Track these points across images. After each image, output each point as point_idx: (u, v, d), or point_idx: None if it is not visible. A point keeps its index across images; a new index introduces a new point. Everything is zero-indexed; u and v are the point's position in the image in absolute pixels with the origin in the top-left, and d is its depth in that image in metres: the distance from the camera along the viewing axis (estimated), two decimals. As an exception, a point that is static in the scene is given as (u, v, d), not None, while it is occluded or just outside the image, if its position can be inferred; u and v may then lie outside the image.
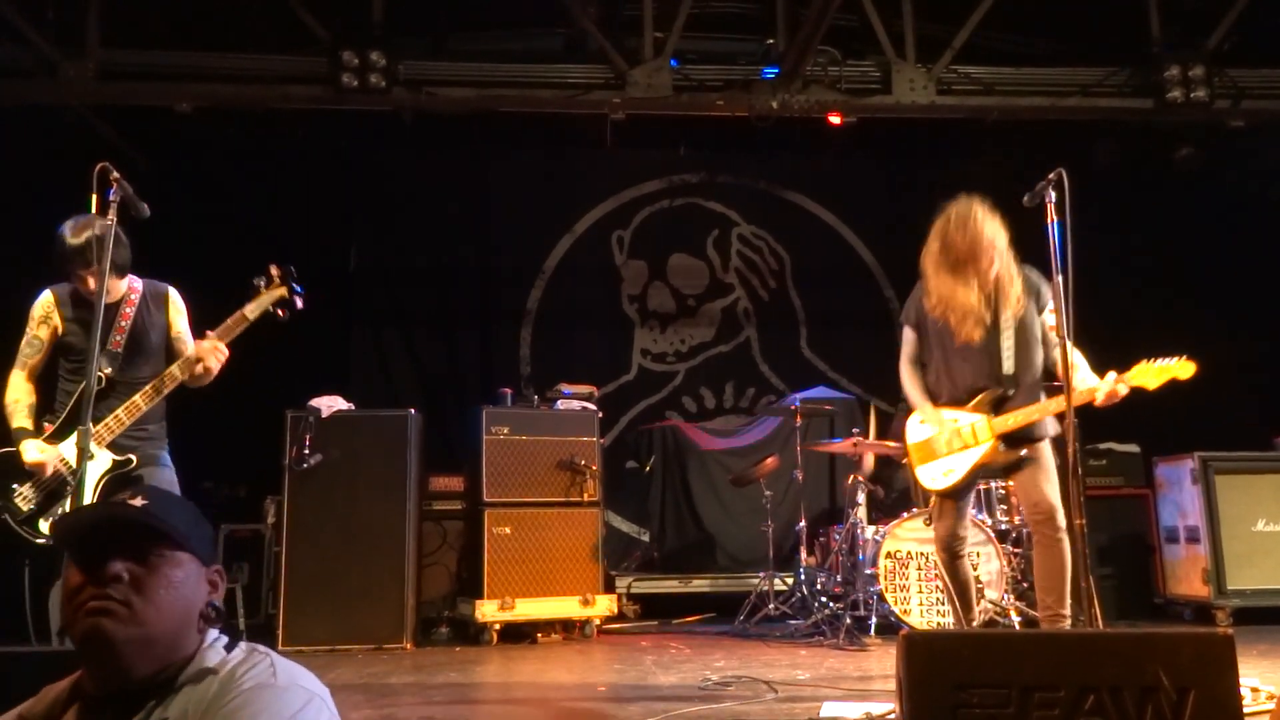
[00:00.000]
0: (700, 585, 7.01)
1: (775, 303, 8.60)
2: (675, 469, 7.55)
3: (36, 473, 3.36)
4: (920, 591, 5.47)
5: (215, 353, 3.44)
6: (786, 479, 6.81)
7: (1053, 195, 3.43)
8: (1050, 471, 3.83)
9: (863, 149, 8.14)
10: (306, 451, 5.67)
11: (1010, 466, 3.90)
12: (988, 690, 1.86)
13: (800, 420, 6.35)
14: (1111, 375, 3.64)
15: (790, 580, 6.27)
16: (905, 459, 4.18)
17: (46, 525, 3.32)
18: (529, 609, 5.79)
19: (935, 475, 3.97)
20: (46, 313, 3.51)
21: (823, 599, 5.95)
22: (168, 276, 3.77)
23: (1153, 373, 3.66)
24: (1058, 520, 3.74)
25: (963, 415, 3.90)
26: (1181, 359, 3.65)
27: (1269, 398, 7.14)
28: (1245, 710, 2.44)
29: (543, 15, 7.00)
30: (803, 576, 6.10)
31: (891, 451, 5.78)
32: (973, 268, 3.82)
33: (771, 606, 6.01)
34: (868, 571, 5.66)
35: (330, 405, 5.85)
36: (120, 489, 2.94)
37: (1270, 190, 7.54)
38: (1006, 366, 3.84)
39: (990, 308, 3.86)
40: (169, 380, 3.46)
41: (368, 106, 6.50)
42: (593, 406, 6.31)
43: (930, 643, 1.97)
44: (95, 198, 3.11)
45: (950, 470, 3.93)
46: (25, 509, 3.34)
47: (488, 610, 5.70)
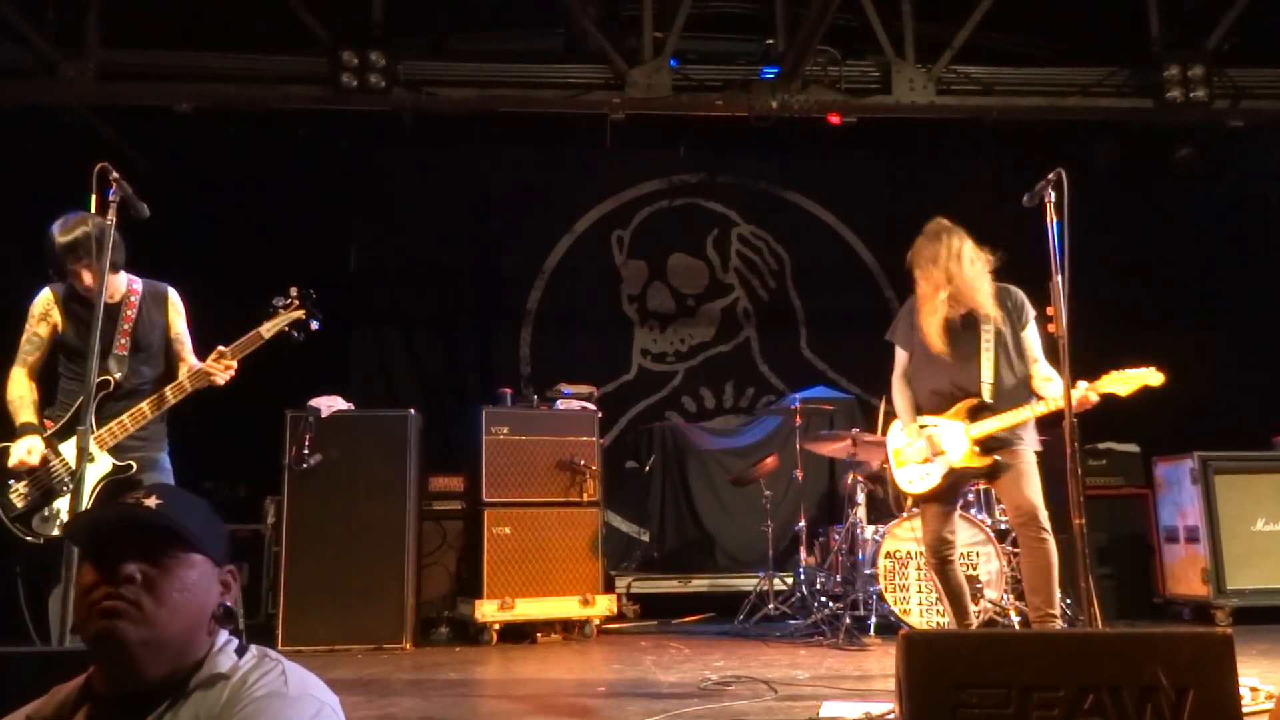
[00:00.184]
0: (700, 585, 7.02)
1: (775, 303, 8.59)
2: (675, 469, 7.56)
3: (34, 470, 3.34)
4: (920, 591, 5.47)
5: (226, 371, 3.46)
6: (786, 479, 6.82)
7: (1052, 195, 3.47)
8: (1030, 475, 3.93)
9: (862, 149, 8.12)
10: (306, 451, 5.68)
11: (991, 472, 4.00)
12: (987, 690, 1.86)
13: (800, 420, 6.35)
14: (1082, 384, 3.69)
15: (790, 580, 6.28)
16: (885, 464, 4.37)
17: (39, 523, 3.31)
18: (529, 609, 5.79)
19: (913, 479, 4.14)
20: (46, 309, 3.51)
21: (822, 599, 5.95)
22: (167, 276, 3.77)
23: (1123, 380, 3.75)
24: (1040, 521, 3.83)
25: (941, 422, 4.05)
26: (1151, 368, 3.74)
27: (1268, 398, 7.13)
28: (1244, 710, 2.44)
29: (543, 15, 7.01)
30: (802, 576, 6.10)
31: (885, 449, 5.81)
32: (948, 284, 3.96)
33: (771, 606, 6.02)
34: (867, 571, 5.66)
35: (330, 405, 5.86)
36: (119, 494, 2.93)
37: (1270, 191, 7.54)
38: (985, 376, 3.97)
39: (970, 322, 4.01)
40: (178, 391, 3.47)
41: (368, 106, 6.50)
42: (592, 406, 6.31)
43: (930, 643, 1.97)
44: (95, 198, 3.11)
45: (926, 475, 4.08)
46: (20, 505, 3.33)
47: (487, 610, 5.70)
